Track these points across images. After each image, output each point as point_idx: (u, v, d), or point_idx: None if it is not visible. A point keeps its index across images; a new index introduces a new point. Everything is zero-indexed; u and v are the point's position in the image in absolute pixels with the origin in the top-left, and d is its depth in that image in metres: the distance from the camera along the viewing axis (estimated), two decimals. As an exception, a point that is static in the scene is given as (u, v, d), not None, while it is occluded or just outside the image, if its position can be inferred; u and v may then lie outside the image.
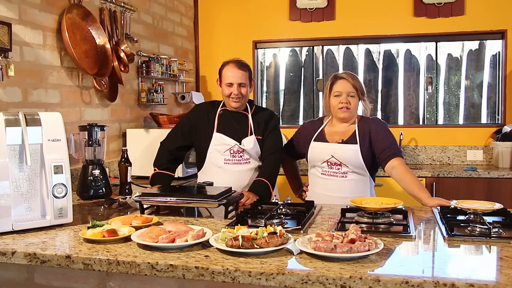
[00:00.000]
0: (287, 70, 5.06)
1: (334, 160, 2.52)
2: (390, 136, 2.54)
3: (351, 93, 2.53)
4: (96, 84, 3.25)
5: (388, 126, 2.60)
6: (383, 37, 4.66)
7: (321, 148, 2.58)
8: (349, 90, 2.52)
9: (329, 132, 2.63)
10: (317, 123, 2.72)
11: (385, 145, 2.47)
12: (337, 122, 2.62)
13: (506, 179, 3.87)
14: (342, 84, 2.54)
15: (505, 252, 1.57)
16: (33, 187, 1.94)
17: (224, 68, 2.66)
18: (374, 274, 1.36)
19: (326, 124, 2.67)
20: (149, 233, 1.68)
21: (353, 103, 2.54)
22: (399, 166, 2.43)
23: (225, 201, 2.09)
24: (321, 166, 2.58)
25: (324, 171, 2.57)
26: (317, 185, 2.63)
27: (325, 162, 2.55)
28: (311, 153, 2.62)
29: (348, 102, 2.52)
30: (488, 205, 2.00)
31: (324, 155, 2.55)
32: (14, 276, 1.73)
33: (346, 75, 2.56)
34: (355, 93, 2.53)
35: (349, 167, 2.52)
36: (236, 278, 1.42)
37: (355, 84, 2.53)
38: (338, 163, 2.52)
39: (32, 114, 1.97)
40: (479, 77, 4.65)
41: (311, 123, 2.77)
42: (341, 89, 2.53)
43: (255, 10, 4.85)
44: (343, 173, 2.53)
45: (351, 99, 2.53)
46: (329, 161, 2.53)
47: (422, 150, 4.56)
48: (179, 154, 2.79)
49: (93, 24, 3.17)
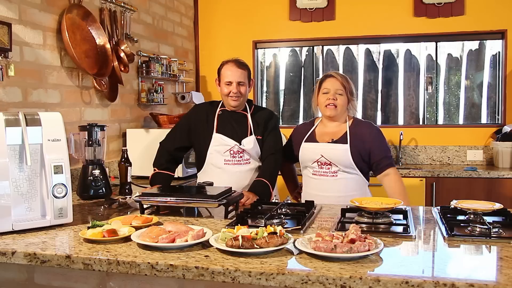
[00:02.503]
0: (287, 70, 5.06)
1: (324, 159, 2.53)
2: (386, 144, 2.62)
3: (339, 90, 2.53)
4: (96, 84, 3.25)
5: (381, 131, 2.63)
6: (383, 37, 4.66)
7: (311, 149, 2.60)
8: (337, 87, 2.53)
9: (319, 132, 2.64)
10: (309, 124, 2.74)
11: (382, 154, 2.54)
12: (327, 122, 2.63)
13: (506, 179, 3.87)
14: (330, 82, 2.55)
15: (505, 252, 1.57)
16: (33, 187, 1.94)
17: (223, 67, 2.66)
18: (374, 274, 1.36)
19: (317, 125, 2.68)
20: (149, 233, 1.68)
21: (340, 101, 2.53)
22: (393, 175, 2.54)
23: (225, 201, 2.09)
24: (312, 166, 2.59)
25: (315, 171, 2.59)
26: (309, 185, 2.64)
27: (315, 162, 2.56)
28: (302, 153, 2.63)
29: (335, 99, 2.53)
30: (488, 205, 1.99)
31: (314, 155, 2.56)
32: (14, 276, 1.73)
33: (336, 74, 2.58)
34: (343, 91, 2.53)
35: (339, 167, 2.53)
36: (236, 278, 1.42)
37: (343, 83, 2.53)
38: (328, 163, 2.53)
39: (32, 114, 1.97)
40: (479, 77, 4.65)
41: (303, 125, 2.79)
42: (329, 86, 2.54)
43: (255, 10, 4.85)
44: (333, 173, 2.54)
45: (339, 97, 2.53)
46: (319, 160, 2.55)
47: (422, 150, 4.56)
48: (178, 154, 2.80)
49: (93, 24, 3.17)
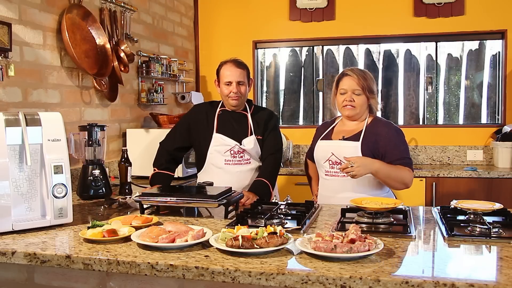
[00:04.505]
0: (287, 70, 5.06)
1: (334, 158, 2.46)
2: (402, 144, 2.46)
3: (356, 90, 2.45)
4: (96, 84, 3.25)
5: (402, 133, 2.50)
6: (383, 37, 4.66)
7: (324, 146, 2.55)
8: (354, 87, 2.45)
9: (337, 130, 2.59)
10: (330, 123, 2.69)
11: (396, 156, 2.40)
12: (347, 121, 2.57)
13: (506, 179, 3.87)
14: (347, 82, 2.48)
15: (505, 252, 1.57)
16: (33, 187, 1.94)
17: (222, 68, 2.65)
18: (374, 274, 1.36)
19: (337, 123, 2.64)
20: (149, 233, 1.68)
21: (358, 100, 2.46)
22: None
23: (225, 201, 2.09)
24: (324, 165, 2.53)
25: (326, 171, 2.52)
26: (323, 186, 2.59)
27: (327, 161, 2.50)
28: (316, 151, 2.58)
29: (353, 100, 2.46)
30: (488, 205, 2.00)
31: (326, 153, 2.51)
32: (14, 276, 1.74)
33: (352, 72, 2.48)
34: (360, 91, 2.45)
35: None
36: (236, 278, 1.42)
37: (360, 82, 2.44)
38: (338, 162, 2.45)
39: (32, 114, 1.97)
40: (479, 77, 4.65)
41: (325, 123, 2.74)
42: (346, 86, 2.47)
43: (255, 10, 4.85)
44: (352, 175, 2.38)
45: (356, 97, 2.46)
46: (330, 159, 2.48)
47: (422, 150, 4.55)
48: (178, 155, 2.80)
49: (93, 24, 3.17)
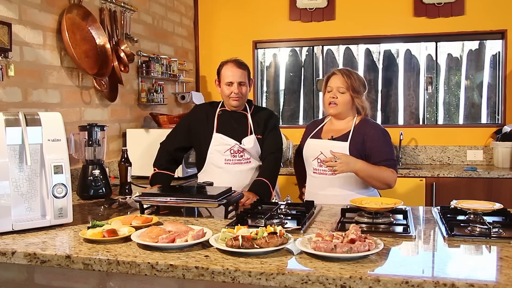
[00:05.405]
0: (287, 70, 5.06)
1: (323, 157, 2.49)
2: (387, 146, 2.48)
3: (340, 88, 2.49)
4: (96, 84, 3.25)
5: (388, 135, 2.53)
6: (383, 37, 4.66)
7: (313, 145, 2.59)
8: (339, 85, 2.50)
9: (326, 129, 2.64)
10: (319, 121, 2.74)
11: (382, 157, 2.43)
12: (334, 120, 2.62)
13: (506, 179, 3.87)
14: (333, 80, 2.54)
15: (505, 252, 1.57)
16: (33, 187, 1.94)
17: (223, 68, 2.65)
18: (374, 274, 1.36)
19: (326, 122, 2.68)
20: (149, 233, 1.68)
21: (341, 98, 2.50)
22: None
23: (225, 201, 2.09)
24: (312, 163, 2.57)
25: (315, 169, 2.57)
26: (310, 184, 2.63)
27: (315, 159, 2.55)
28: (305, 149, 2.63)
29: (336, 97, 2.50)
30: (488, 205, 2.00)
31: (315, 152, 2.55)
32: (14, 276, 1.74)
33: (339, 71, 2.54)
34: (344, 89, 2.49)
35: None
36: (236, 278, 1.42)
37: (346, 80, 2.49)
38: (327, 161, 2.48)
39: (32, 114, 1.97)
40: (479, 77, 4.65)
41: (314, 122, 2.79)
42: (332, 84, 2.53)
43: (255, 10, 4.85)
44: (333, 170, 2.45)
45: (340, 95, 2.50)
46: (318, 158, 2.53)
47: (422, 150, 4.56)
48: (178, 155, 2.80)
49: (93, 24, 3.17)
